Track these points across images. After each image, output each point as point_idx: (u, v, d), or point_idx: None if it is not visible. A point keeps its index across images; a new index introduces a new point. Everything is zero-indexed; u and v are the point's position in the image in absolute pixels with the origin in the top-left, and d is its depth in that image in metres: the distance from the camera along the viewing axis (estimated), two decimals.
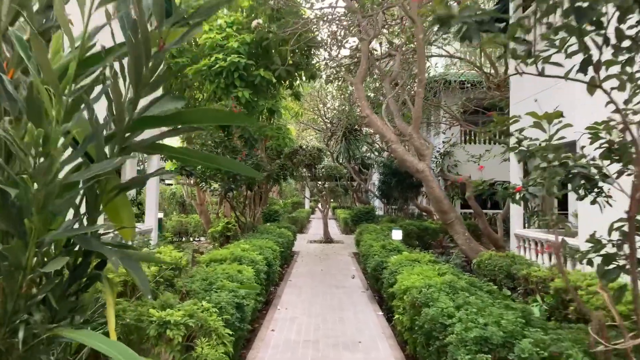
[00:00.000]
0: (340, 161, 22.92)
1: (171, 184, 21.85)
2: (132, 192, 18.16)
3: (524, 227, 9.43)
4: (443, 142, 21.86)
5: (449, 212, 9.58)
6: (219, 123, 8.98)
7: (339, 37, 13.09)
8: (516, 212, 9.05)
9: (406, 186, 19.24)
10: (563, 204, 21.53)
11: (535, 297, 6.27)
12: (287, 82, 16.28)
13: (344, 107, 20.02)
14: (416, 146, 9.44)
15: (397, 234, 9.62)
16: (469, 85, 17.44)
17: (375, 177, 30.91)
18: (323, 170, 19.04)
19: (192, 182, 10.93)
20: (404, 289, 5.05)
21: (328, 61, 14.82)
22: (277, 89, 16.50)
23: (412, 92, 15.67)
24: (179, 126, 2.36)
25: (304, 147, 18.14)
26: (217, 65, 13.02)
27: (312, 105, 21.32)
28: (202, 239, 17.55)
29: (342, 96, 19.29)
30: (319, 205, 27.04)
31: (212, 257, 6.30)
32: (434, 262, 6.57)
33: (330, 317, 6.94)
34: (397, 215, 19.89)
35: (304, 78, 16.95)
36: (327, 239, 17.95)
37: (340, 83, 17.95)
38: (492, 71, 17.34)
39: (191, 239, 17.97)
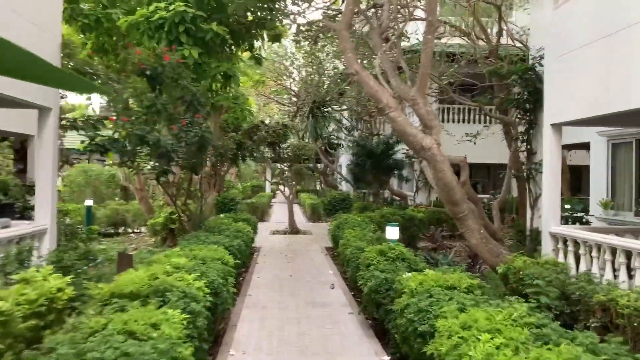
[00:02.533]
0: (307, 140, 20.35)
1: (107, 164, 18.62)
2: None
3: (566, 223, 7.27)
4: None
5: (460, 203, 7.27)
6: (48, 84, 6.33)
7: None
8: (551, 202, 6.85)
9: (382, 169, 16.94)
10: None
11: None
12: (246, 43, 13.53)
13: (312, 77, 17.38)
14: (421, 115, 7.03)
15: (392, 232, 7.25)
16: (457, 56, 15.20)
17: (344, 159, 28.58)
18: (289, 149, 16.43)
19: (117, 162, 8.11)
20: None
21: (296, 15, 12.09)
22: (233, 50, 13.72)
23: (408, 54, 13.23)
24: None
25: (267, 122, 15.45)
26: (156, 17, 10.13)
27: (276, 75, 18.55)
28: (143, 230, 14.64)
29: (311, 64, 16.67)
30: (281, 188, 24.51)
31: (117, 289, 3.66)
32: (482, 294, 4.18)
33: None
34: (370, 201, 17.61)
35: (266, 38, 14.23)
36: (293, 230, 15.45)
37: (310, 47, 15.29)
38: (483, 37, 15.16)
39: (130, 231, 15.00)
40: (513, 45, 15.95)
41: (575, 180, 17.59)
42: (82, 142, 7.08)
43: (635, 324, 4.19)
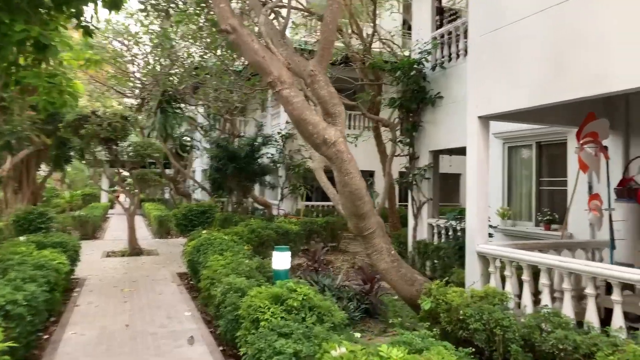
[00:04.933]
0: (154, 139, 17.06)
1: None
2: None
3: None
4: (287, 122, 18.00)
5: (369, 216, 5.47)
6: None
7: None
8: (478, 214, 5.44)
9: (247, 174, 14.72)
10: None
11: None
12: (72, 9, 10.22)
13: (161, 61, 14.33)
14: (321, 97, 5.07)
15: (282, 260, 5.11)
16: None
17: (199, 163, 25.50)
18: (130, 149, 13.17)
19: None
20: None
21: None
22: (52, 15, 10.22)
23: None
24: None
25: (100, 113, 12.06)
26: None
27: (115, 58, 15.03)
28: None
29: (161, 47, 13.69)
30: (121, 199, 20.50)
31: None
32: None
33: None
34: (230, 211, 15.17)
35: (99, 3, 10.99)
36: (135, 250, 12.26)
37: (161, 22, 12.40)
38: (357, 37, 14.06)
39: None
40: (385, 47, 15.21)
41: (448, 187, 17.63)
42: None
43: None
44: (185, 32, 14.49)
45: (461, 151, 11.32)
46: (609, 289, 5.13)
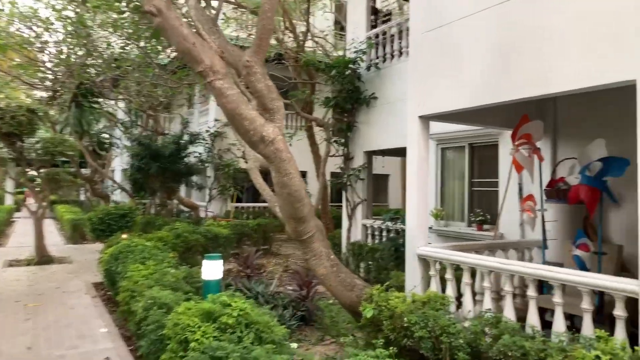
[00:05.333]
0: (67, 137, 15.56)
1: None
2: None
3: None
4: (216, 119, 17.27)
5: (308, 220, 5.15)
6: None
7: None
8: (419, 214, 5.30)
9: (172, 174, 13.81)
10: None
11: None
12: None
13: (75, 49, 13.03)
14: (259, 90, 4.65)
15: (213, 269, 4.62)
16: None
17: (118, 163, 23.85)
18: (39, 146, 11.86)
19: None
20: None
21: None
22: None
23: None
24: None
25: (3, 105, 10.72)
26: None
27: (21, 44, 13.45)
28: None
29: (76, 34, 12.43)
30: (28, 202, 18.56)
31: None
32: None
33: None
34: (153, 214, 14.14)
35: None
36: (43, 258, 11.01)
37: (76, 4, 11.28)
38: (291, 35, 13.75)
39: None
40: (318, 46, 15.02)
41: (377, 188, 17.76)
42: None
43: None
44: (104, 20, 13.33)
45: (394, 152, 11.39)
46: (540, 288, 5.21)
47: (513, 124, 5.71)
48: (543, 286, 5.31)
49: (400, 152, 11.42)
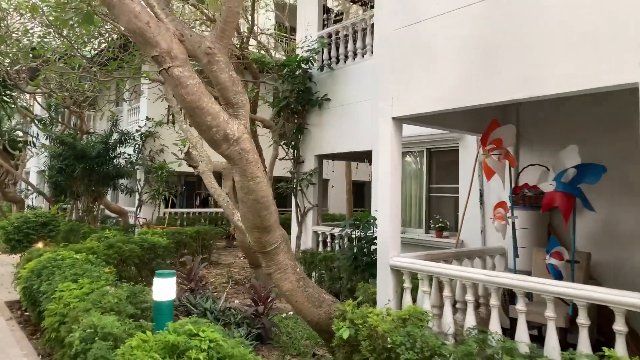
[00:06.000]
0: None
1: None
2: None
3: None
4: (148, 118, 16.09)
5: (274, 229, 4.60)
6: None
7: None
8: (392, 223, 4.93)
9: (99, 177, 12.55)
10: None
11: None
12: None
13: None
14: (222, 82, 4.05)
15: (164, 288, 3.92)
16: None
17: (34, 163, 21.59)
18: None
19: None
20: None
21: None
22: None
23: None
24: None
25: None
26: None
27: None
28: None
29: None
30: None
31: None
32: None
33: None
34: (75, 220, 12.72)
35: None
36: None
37: None
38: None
39: None
40: (261, 45, 14.45)
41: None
42: None
43: None
44: (21, 3, 11.87)
45: (345, 156, 11.07)
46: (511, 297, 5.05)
47: (480, 129, 5.55)
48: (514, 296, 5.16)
49: (352, 157, 11.17)
